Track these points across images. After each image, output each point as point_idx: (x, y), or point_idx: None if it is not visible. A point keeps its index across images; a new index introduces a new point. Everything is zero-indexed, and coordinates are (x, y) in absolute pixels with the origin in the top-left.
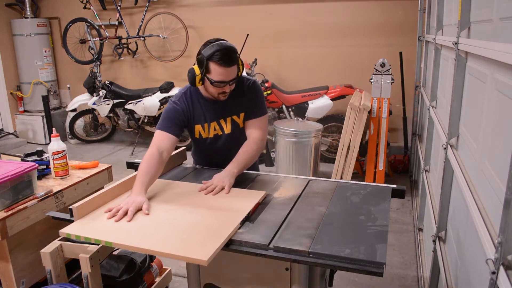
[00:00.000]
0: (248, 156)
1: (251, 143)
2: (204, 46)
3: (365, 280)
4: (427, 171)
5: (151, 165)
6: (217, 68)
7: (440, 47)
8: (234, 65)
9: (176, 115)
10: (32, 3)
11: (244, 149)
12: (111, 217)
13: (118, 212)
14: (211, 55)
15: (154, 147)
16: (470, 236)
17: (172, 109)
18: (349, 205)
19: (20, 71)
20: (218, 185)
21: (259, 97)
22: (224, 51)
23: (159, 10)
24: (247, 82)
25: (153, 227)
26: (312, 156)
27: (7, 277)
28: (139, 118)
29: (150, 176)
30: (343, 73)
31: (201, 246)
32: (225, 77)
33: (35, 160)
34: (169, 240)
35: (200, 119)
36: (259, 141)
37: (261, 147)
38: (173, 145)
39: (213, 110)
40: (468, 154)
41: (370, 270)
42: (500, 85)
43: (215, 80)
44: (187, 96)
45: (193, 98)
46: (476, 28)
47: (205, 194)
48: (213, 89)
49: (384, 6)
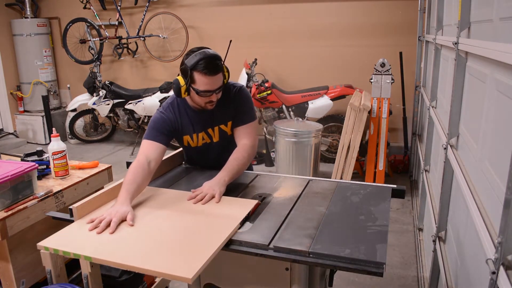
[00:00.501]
0: (239, 163)
1: (241, 150)
2: (187, 55)
3: (365, 280)
4: (427, 171)
5: (138, 174)
6: (202, 78)
7: (440, 47)
8: (219, 73)
9: (163, 125)
10: (32, 3)
11: (235, 156)
12: (93, 229)
13: (100, 223)
14: (194, 64)
15: (141, 156)
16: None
17: (160, 119)
18: (349, 205)
19: (20, 71)
20: (208, 193)
21: (246, 103)
22: (207, 59)
23: (159, 10)
24: (234, 89)
25: (136, 240)
26: (312, 156)
27: (7, 277)
28: (139, 118)
29: (136, 185)
30: (343, 73)
31: (186, 262)
32: (210, 86)
33: (35, 160)
34: (153, 255)
35: (188, 130)
36: (249, 148)
37: (251, 153)
38: (161, 154)
39: (200, 120)
40: (468, 154)
41: (370, 270)
42: (500, 85)
43: (201, 89)
44: (174, 107)
45: (180, 108)
46: (476, 28)
47: (194, 203)
48: (200, 99)
49: (384, 6)
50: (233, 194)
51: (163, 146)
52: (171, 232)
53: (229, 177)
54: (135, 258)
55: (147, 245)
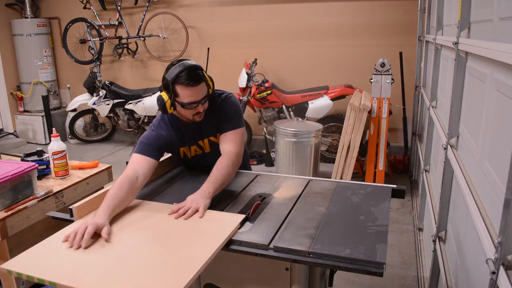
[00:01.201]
0: (223, 173)
1: (224, 158)
2: (167, 70)
3: (365, 280)
4: (427, 171)
5: (122, 189)
6: (185, 90)
7: (440, 47)
8: (202, 82)
9: (155, 141)
10: (32, 3)
11: (218, 165)
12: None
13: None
14: (175, 77)
15: (129, 170)
16: (470, 236)
17: (152, 135)
18: (349, 205)
19: (20, 71)
20: (191, 207)
21: (232, 110)
22: (187, 71)
23: (159, 10)
24: (219, 99)
25: (110, 261)
26: (312, 156)
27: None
28: (139, 118)
29: (118, 201)
30: (343, 73)
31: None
32: (195, 97)
33: (35, 160)
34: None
35: (182, 143)
36: (233, 156)
37: (236, 161)
38: (151, 169)
39: (191, 134)
40: (468, 154)
41: (370, 270)
42: (500, 85)
43: (185, 102)
44: (166, 122)
45: (172, 123)
46: (476, 28)
47: (176, 217)
48: (186, 112)
49: (384, 6)
50: (233, 194)
51: (154, 161)
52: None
53: (214, 189)
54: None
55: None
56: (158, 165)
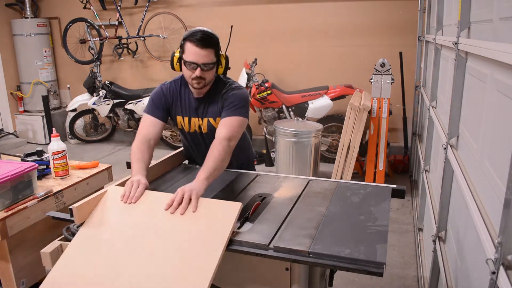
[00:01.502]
0: (215, 159)
1: (216, 143)
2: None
3: (365, 280)
4: (427, 171)
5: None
6: (191, 47)
7: (440, 47)
8: (210, 48)
9: (160, 98)
10: (32, 3)
11: (210, 152)
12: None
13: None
14: (188, 35)
15: (142, 132)
16: (470, 236)
17: (157, 92)
18: (349, 205)
19: (20, 71)
20: (184, 197)
21: (237, 100)
22: (201, 33)
23: (159, 10)
24: (229, 86)
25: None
26: (312, 156)
27: (7, 277)
28: (139, 118)
29: (145, 162)
30: (343, 73)
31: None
32: (197, 58)
33: (35, 160)
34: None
35: (182, 111)
36: (224, 141)
37: (226, 146)
38: (160, 130)
39: (192, 106)
40: (468, 154)
41: (370, 270)
42: (500, 85)
43: (187, 60)
44: (177, 84)
45: (182, 87)
46: (476, 28)
47: (172, 212)
48: (186, 72)
49: (384, 6)
50: (233, 194)
51: (161, 123)
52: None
53: (207, 174)
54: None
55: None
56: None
